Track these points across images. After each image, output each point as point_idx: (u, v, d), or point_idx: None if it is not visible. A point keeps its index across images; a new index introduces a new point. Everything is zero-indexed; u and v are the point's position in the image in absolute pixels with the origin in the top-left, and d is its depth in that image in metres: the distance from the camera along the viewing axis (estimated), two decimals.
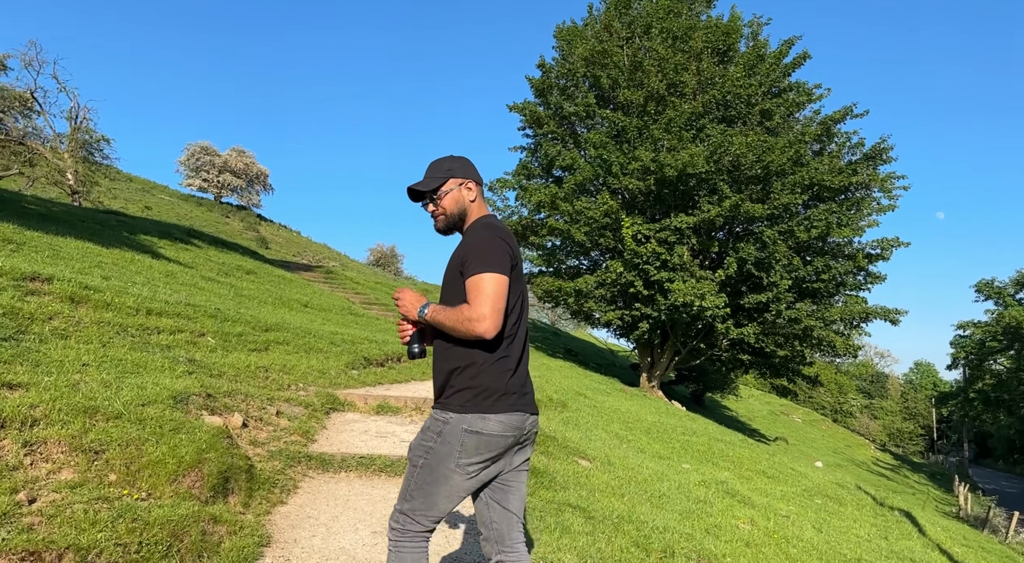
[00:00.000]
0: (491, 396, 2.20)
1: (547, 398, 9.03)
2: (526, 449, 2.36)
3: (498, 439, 2.20)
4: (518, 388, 2.25)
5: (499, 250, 2.20)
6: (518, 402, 2.24)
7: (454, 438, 2.19)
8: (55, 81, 31.66)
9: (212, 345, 6.40)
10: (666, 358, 20.14)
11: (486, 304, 2.13)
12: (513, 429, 2.21)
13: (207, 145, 62.68)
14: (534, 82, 20.67)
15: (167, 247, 11.65)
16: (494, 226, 2.30)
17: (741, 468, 9.16)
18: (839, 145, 18.91)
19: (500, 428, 2.19)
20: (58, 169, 30.78)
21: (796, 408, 50.66)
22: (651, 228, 17.62)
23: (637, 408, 12.46)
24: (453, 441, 2.20)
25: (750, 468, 9.31)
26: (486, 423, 2.19)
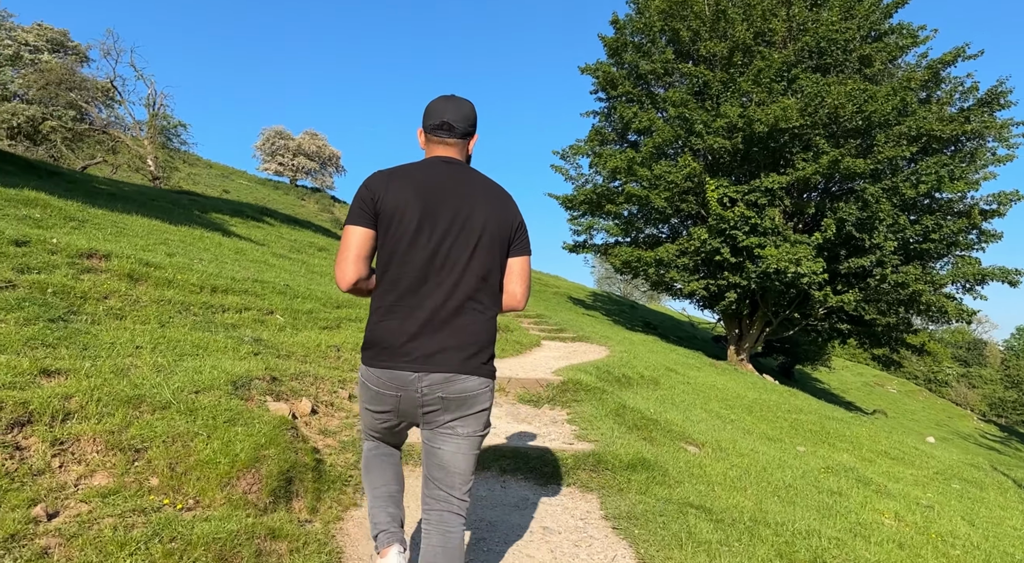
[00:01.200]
0: (366, 349, 2.19)
1: (638, 375, 8.28)
2: (452, 412, 2.15)
3: (374, 391, 2.19)
4: (392, 341, 2.12)
5: (354, 201, 2.19)
6: (387, 356, 2.12)
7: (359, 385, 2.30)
8: (132, 69, 32.50)
9: (281, 323, 5.93)
10: (756, 329, 18.97)
11: (337, 256, 2.17)
12: (383, 384, 2.15)
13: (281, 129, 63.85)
14: (607, 40, 19.58)
15: (239, 225, 11.39)
16: (373, 175, 2.23)
17: (860, 449, 8.20)
18: (949, 91, 17.13)
19: (371, 380, 2.18)
20: (139, 156, 31.57)
21: (890, 378, 48.08)
22: (738, 190, 16.43)
23: (732, 383, 11.55)
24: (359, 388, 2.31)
25: (871, 449, 8.34)
26: (363, 372, 2.23)
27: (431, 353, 2.09)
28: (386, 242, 2.14)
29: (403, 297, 2.12)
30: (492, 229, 2.18)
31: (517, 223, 2.27)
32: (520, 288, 2.25)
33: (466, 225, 2.15)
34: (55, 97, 29.51)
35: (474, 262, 2.15)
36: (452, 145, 2.28)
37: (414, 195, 2.14)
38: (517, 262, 2.26)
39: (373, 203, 2.14)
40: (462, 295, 2.13)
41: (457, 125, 2.26)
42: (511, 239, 2.24)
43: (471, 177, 2.26)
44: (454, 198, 2.16)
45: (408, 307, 2.11)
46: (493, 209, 2.21)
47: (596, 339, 12.15)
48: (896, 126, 15.73)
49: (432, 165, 2.24)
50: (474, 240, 2.15)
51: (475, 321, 2.15)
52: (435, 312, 2.11)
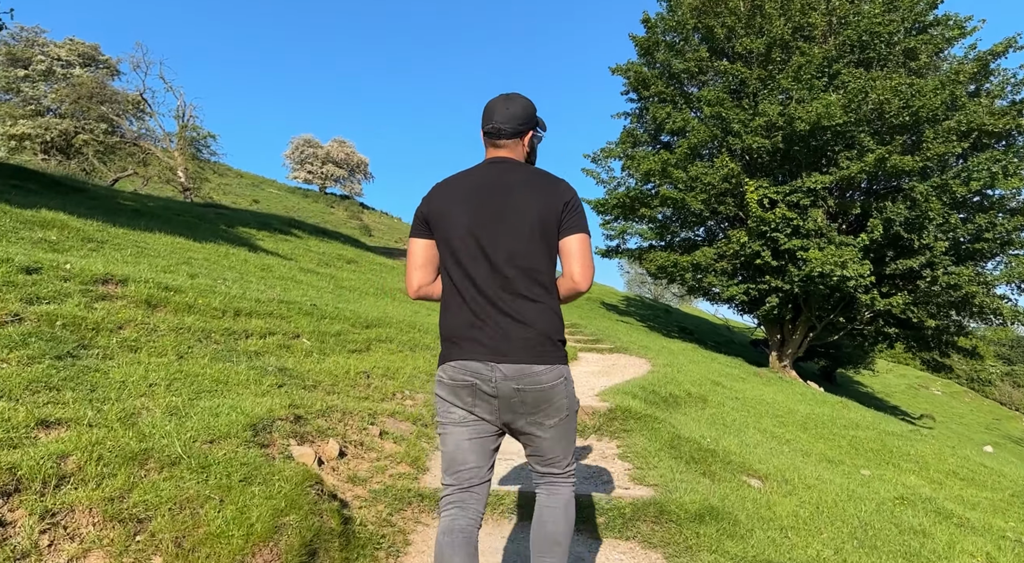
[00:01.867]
0: (444, 343, 2.27)
1: (684, 392, 7.79)
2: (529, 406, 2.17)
3: (449, 386, 2.23)
4: (458, 333, 2.20)
5: (414, 217, 2.36)
6: (456, 350, 2.20)
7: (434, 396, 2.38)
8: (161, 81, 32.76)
9: (307, 348, 5.57)
10: (799, 334, 18.27)
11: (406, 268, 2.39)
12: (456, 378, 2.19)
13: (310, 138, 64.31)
14: (638, 40, 19.06)
15: (266, 239, 11.12)
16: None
17: (927, 469, 7.62)
18: (1000, 83, 16.30)
19: (445, 376, 2.24)
20: (169, 167, 31.78)
21: (934, 380, 46.65)
22: (779, 191, 15.80)
23: (781, 396, 10.99)
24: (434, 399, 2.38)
25: (937, 468, 7.75)
26: (438, 373, 2.30)
27: (499, 345, 2.14)
28: (440, 247, 2.26)
29: (464, 294, 2.19)
30: (537, 216, 2.18)
31: (564, 202, 2.23)
32: (577, 267, 2.21)
33: (515, 217, 2.18)
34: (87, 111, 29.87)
35: (529, 250, 2.17)
36: (503, 146, 2.34)
37: (460, 198, 2.23)
38: (571, 241, 2.21)
39: (424, 214, 2.29)
40: (516, 286, 2.16)
41: (504, 127, 2.31)
42: (560, 220, 2.22)
43: (516, 170, 2.29)
44: (498, 194, 2.22)
45: (465, 300, 2.19)
46: (537, 196, 2.21)
47: (635, 350, 11.66)
48: (945, 121, 15.00)
49: (481, 168, 2.33)
50: (521, 230, 2.17)
51: (532, 310, 2.17)
52: (479, 301, 2.18)
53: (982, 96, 16.06)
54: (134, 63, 31.06)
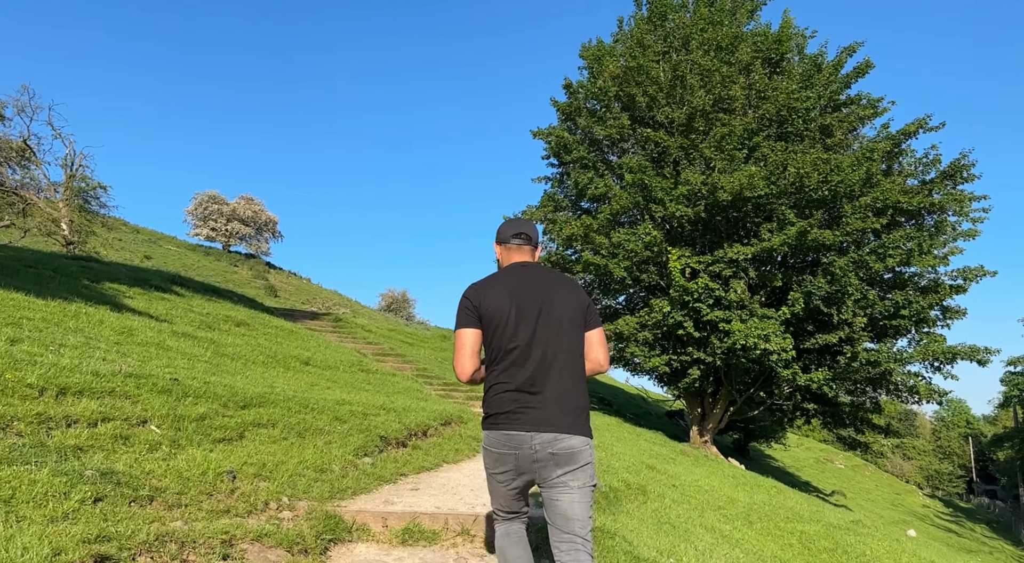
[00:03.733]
0: (486, 418, 2.69)
1: (622, 482, 6.77)
2: (561, 467, 2.54)
3: (496, 453, 2.64)
4: (506, 408, 2.60)
5: (460, 310, 2.75)
6: (504, 420, 2.59)
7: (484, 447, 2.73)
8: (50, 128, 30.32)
9: (155, 439, 4.25)
10: (719, 408, 17.75)
11: (455, 355, 2.75)
12: (503, 445, 2.60)
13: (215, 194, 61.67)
14: (560, 105, 18.80)
15: (137, 297, 9.57)
16: (469, 287, 2.81)
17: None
18: (912, 163, 16.75)
19: (493, 443, 2.64)
20: (52, 219, 29.23)
21: (836, 453, 47.61)
22: (702, 261, 15.46)
23: (714, 480, 10.14)
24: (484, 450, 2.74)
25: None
26: (486, 438, 2.69)
27: (539, 417, 2.56)
28: (493, 337, 2.68)
29: (515, 373, 2.62)
30: (570, 312, 2.71)
31: (588, 303, 2.80)
32: (602, 353, 2.78)
33: (551, 312, 2.68)
34: None
35: (563, 339, 2.66)
36: (527, 251, 2.95)
37: (508, 296, 2.70)
38: (595, 334, 2.77)
39: (476, 309, 2.71)
40: (557, 368, 2.62)
41: (532, 236, 2.97)
42: (586, 316, 2.75)
43: (546, 273, 2.84)
44: (538, 292, 2.73)
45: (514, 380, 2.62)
46: (568, 295, 2.75)
47: None
48: (861, 198, 15.15)
49: (515, 269, 2.85)
50: (560, 322, 2.67)
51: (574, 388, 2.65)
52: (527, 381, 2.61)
53: (894, 174, 16.42)
54: (19, 107, 28.62)
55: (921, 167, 16.49)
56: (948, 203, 16.04)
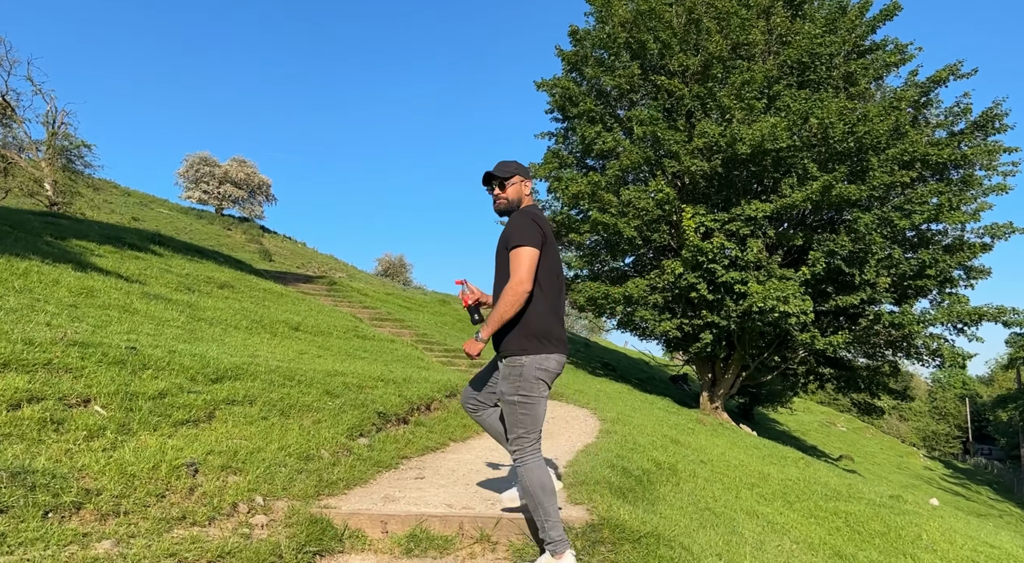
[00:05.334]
0: (547, 340, 2.99)
1: (652, 462, 6.00)
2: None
3: (554, 374, 3.05)
4: (559, 332, 3.06)
5: (532, 231, 3.00)
6: (559, 343, 3.04)
7: (530, 373, 2.95)
8: (29, 82, 28.98)
9: (98, 423, 3.42)
10: (731, 374, 17.01)
11: (523, 270, 2.94)
12: (560, 366, 3.07)
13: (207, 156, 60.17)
14: (565, 54, 17.67)
15: (108, 255, 8.67)
16: (530, 211, 3.12)
17: (948, 559, 6.10)
18: (940, 113, 15.73)
19: (555, 366, 3.03)
20: (34, 179, 28.17)
21: (838, 416, 47.37)
22: (717, 219, 14.55)
23: (738, 452, 9.41)
24: (529, 375, 2.96)
25: (956, 556, 6.26)
26: (549, 361, 3.00)
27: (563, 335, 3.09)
28: (551, 264, 3.07)
29: (557, 303, 3.11)
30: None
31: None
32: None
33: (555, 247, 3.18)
34: None
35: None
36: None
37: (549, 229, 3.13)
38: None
39: (544, 235, 3.03)
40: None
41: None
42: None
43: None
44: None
45: (558, 309, 3.12)
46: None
47: (571, 395, 9.87)
48: (888, 149, 14.19)
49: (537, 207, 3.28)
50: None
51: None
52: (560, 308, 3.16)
53: (920, 125, 15.43)
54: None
55: (952, 117, 15.47)
56: (977, 156, 15.06)
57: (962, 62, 14.87)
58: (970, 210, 15.09)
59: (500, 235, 3.15)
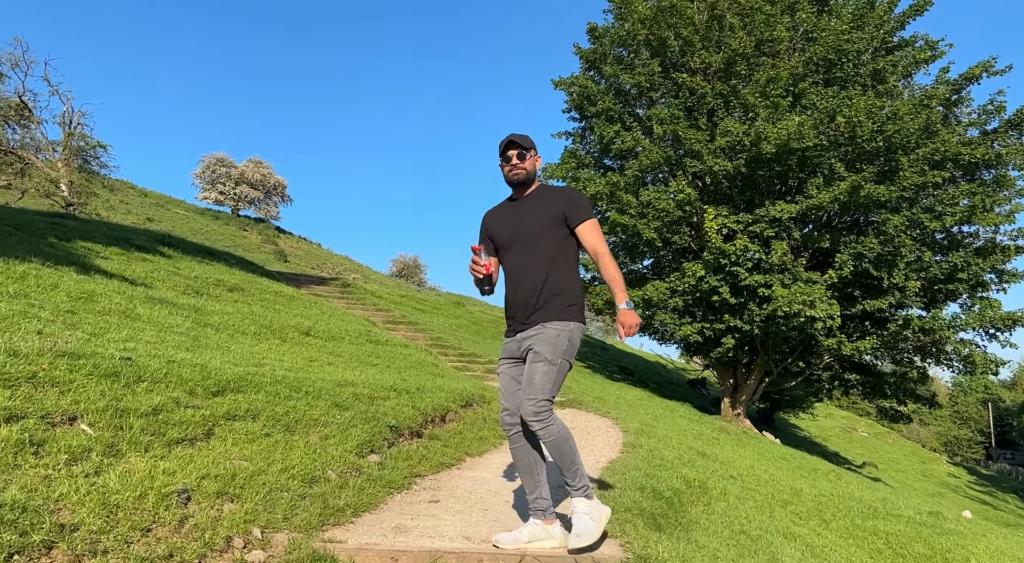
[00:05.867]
0: (585, 309, 3.32)
1: (681, 480, 5.64)
2: None
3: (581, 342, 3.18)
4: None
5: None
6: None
7: (576, 339, 3.08)
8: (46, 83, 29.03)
9: (83, 445, 3.11)
10: (753, 379, 16.58)
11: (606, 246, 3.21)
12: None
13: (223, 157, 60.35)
14: (584, 52, 17.30)
15: (114, 257, 8.43)
16: (568, 187, 3.35)
17: None
18: (972, 111, 15.20)
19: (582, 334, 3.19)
20: (51, 179, 28.21)
21: (858, 420, 46.63)
22: (740, 220, 14.14)
23: (766, 464, 9.02)
24: (576, 342, 3.08)
25: None
26: (581, 330, 3.15)
27: None
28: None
29: None
30: None
31: None
32: None
33: None
34: None
35: None
36: None
37: None
38: None
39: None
40: None
41: None
42: None
43: None
44: None
45: None
46: None
47: (590, 403, 9.51)
48: (918, 149, 13.72)
49: None
50: None
51: None
52: None
53: (952, 124, 14.93)
54: (12, 62, 27.36)
55: (985, 116, 14.94)
56: (1011, 155, 14.53)
57: (996, 58, 14.37)
58: (1003, 211, 14.60)
59: (533, 207, 3.17)
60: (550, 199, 3.18)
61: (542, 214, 3.13)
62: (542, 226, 3.10)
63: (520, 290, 3.13)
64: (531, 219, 3.13)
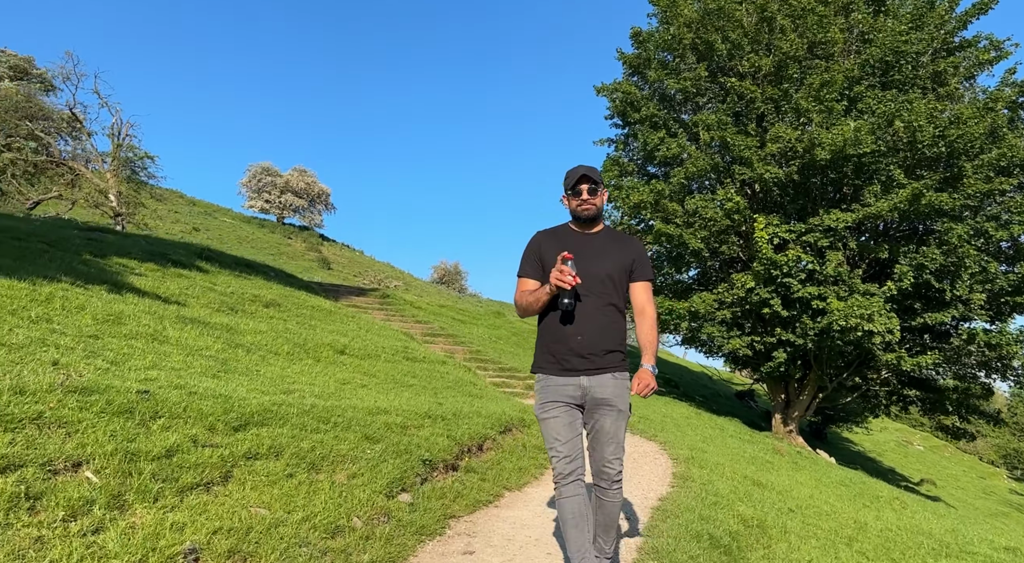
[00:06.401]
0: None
1: (739, 518, 5.20)
2: None
3: None
4: None
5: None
6: None
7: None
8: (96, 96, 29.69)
9: (85, 496, 2.85)
10: (806, 395, 15.89)
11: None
12: None
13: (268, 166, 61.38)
14: (627, 57, 16.88)
15: (149, 274, 8.32)
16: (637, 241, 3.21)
17: None
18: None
19: None
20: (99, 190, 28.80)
21: (913, 433, 44.95)
22: (792, 230, 13.55)
23: (826, 492, 8.47)
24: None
25: None
26: None
27: None
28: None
29: None
30: None
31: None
32: None
33: None
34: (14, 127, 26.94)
35: None
36: None
37: None
38: None
39: None
40: None
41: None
42: None
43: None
44: None
45: None
46: None
47: (635, 422, 9.10)
48: (982, 154, 12.97)
49: None
50: None
51: None
52: None
53: (1020, 128, 14.10)
54: (64, 75, 28.08)
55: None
56: None
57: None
58: None
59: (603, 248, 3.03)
60: (622, 246, 3.06)
61: (616, 259, 3.01)
62: (616, 271, 2.99)
63: (583, 330, 2.93)
64: (603, 261, 2.99)
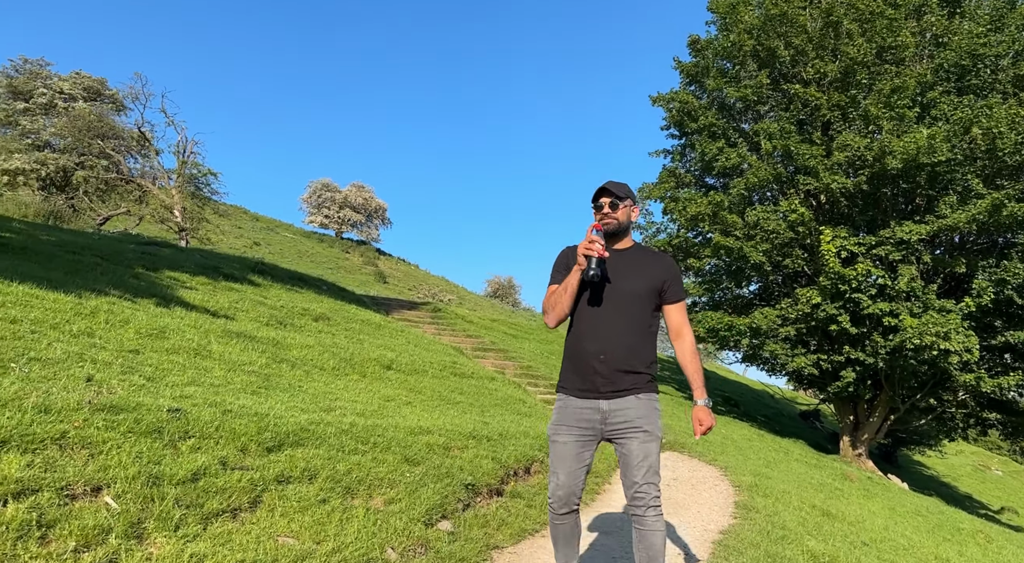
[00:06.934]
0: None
1: (810, 557, 4.75)
2: None
3: None
4: None
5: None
6: None
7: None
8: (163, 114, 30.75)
9: (101, 523, 2.68)
10: (877, 417, 15.06)
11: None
12: None
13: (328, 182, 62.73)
14: (684, 66, 16.47)
15: (200, 288, 8.34)
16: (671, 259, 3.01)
17: None
18: None
19: None
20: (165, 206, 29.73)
21: (991, 457, 42.48)
22: (862, 243, 12.88)
23: (902, 523, 7.85)
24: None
25: None
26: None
27: None
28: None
29: None
30: None
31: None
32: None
33: None
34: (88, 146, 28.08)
35: None
36: None
37: None
38: None
39: None
40: None
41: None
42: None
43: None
44: None
45: None
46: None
47: (693, 445, 8.65)
48: None
49: None
50: None
51: None
52: None
53: None
54: (133, 95, 29.22)
55: None
56: None
57: None
58: None
59: (632, 265, 2.87)
60: (653, 263, 2.91)
61: (645, 277, 2.86)
62: (644, 290, 2.84)
63: (607, 349, 2.75)
64: (631, 279, 2.84)
